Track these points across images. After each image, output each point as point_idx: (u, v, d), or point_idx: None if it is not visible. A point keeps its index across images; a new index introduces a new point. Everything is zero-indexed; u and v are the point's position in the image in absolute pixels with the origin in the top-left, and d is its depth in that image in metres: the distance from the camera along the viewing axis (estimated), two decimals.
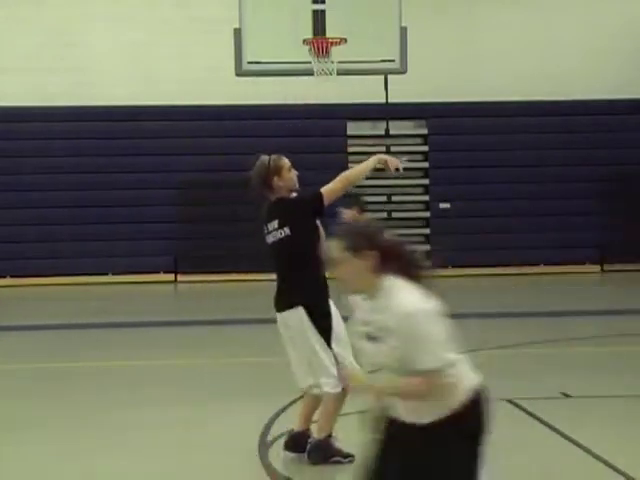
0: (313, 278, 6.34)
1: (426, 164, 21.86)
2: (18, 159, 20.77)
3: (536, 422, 7.31)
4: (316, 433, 6.32)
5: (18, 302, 18.03)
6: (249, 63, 14.51)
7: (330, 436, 6.30)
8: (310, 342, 6.25)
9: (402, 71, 14.79)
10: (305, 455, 6.29)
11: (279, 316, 6.43)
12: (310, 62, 14.16)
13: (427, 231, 21.89)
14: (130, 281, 20.55)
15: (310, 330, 6.25)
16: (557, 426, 7.07)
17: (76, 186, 20.66)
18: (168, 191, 20.82)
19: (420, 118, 21.73)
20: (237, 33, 14.48)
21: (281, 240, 6.37)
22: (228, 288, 19.36)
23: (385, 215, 21.79)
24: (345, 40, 14.06)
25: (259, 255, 22.55)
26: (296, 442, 6.43)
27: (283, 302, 6.41)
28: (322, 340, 6.26)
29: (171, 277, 20.82)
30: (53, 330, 13.61)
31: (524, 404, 7.82)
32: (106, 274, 20.87)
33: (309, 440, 6.34)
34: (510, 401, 7.96)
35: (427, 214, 21.88)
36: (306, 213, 6.40)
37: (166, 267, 20.91)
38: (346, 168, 22.14)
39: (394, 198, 21.79)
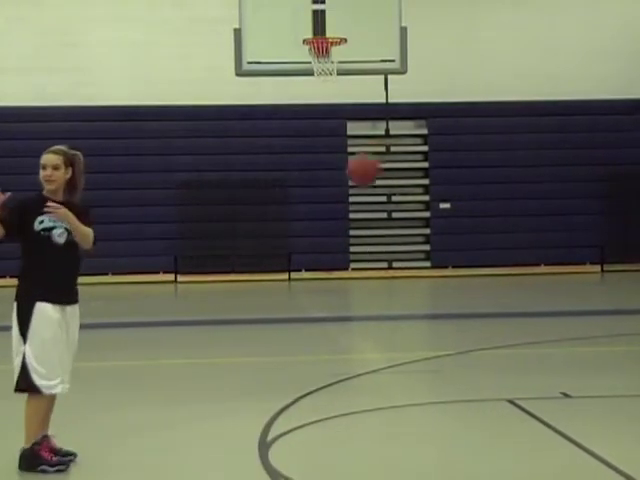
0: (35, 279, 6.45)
1: (426, 164, 21.88)
2: (18, 159, 20.76)
3: (536, 422, 7.31)
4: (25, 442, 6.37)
5: None
6: (249, 63, 14.51)
7: (36, 444, 6.32)
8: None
9: (402, 71, 14.79)
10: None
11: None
12: (310, 62, 14.16)
13: (427, 231, 21.90)
14: (130, 281, 20.57)
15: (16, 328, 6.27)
16: (557, 426, 7.07)
17: None
18: (168, 191, 20.83)
19: (420, 118, 21.75)
20: (237, 33, 14.48)
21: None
22: (228, 288, 19.37)
23: (385, 215, 21.81)
24: (345, 40, 14.06)
25: (259, 255, 22.70)
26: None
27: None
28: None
29: (171, 277, 20.83)
30: None
31: (524, 404, 7.81)
32: (106, 274, 20.87)
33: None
34: (510, 401, 7.96)
35: (427, 214, 21.88)
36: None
37: (166, 267, 20.92)
38: (346, 168, 22.19)
39: (394, 198, 21.80)
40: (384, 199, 21.78)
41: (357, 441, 6.30)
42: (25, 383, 6.26)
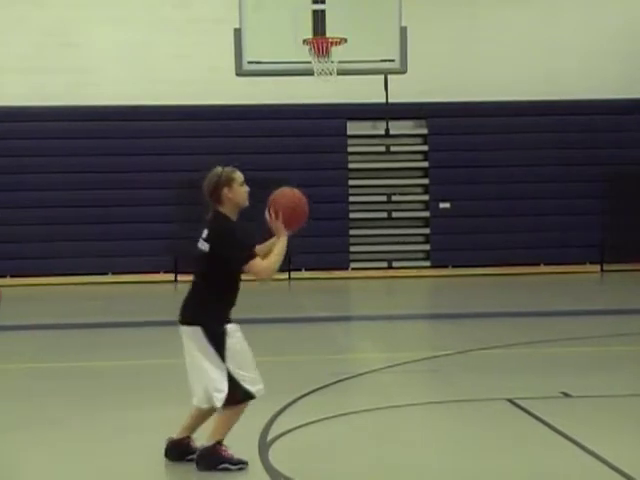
0: (219, 302, 6.32)
1: (426, 164, 21.88)
2: (18, 159, 20.78)
3: (536, 422, 7.31)
4: (206, 440, 6.32)
5: (18, 302, 18.03)
6: (249, 63, 14.51)
7: (219, 443, 6.28)
8: (201, 359, 6.23)
9: (402, 71, 14.79)
10: (195, 463, 6.30)
11: (181, 328, 6.38)
12: (310, 62, 14.16)
13: (427, 231, 21.90)
14: (130, 281, 20.57)
15: (206, 348, 6.21)
16: (557, 426, 7.07)
17: (76, 186, 20.68)
18: (168, 191, 20.83)
19: (420, 118, 21.75)
20: (237, 33, 14.48)
21: (203, 253, 6.32)
22: None
23: (385, 215, 21.81)
24: (345, 40, 14.06)
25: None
26: (176, 448, 6.46)
27: (185, 316, 6.36)
28: (216, 357, 6.21)
29: (171, 277, 20.83)
30: (53, 330, 13.62)
31: (524, 404, 7.82)
32: (106, 274, 20.88)
33: (199, 447, 6.35)
34: (510, 401, 7.96)
35: (427, 214, 21.88)
36: (226, 252, 6.36)
37: (166, 267, 20.92)
38: (346, 168, 22.10)
39: (394, 198, 21.80)
40: (384, 199, 21.78)
41: (357, 441, 6.31)
42: (240, 395, 6.20)
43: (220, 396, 6.14)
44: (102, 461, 6.61)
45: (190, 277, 6.56)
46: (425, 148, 21.89)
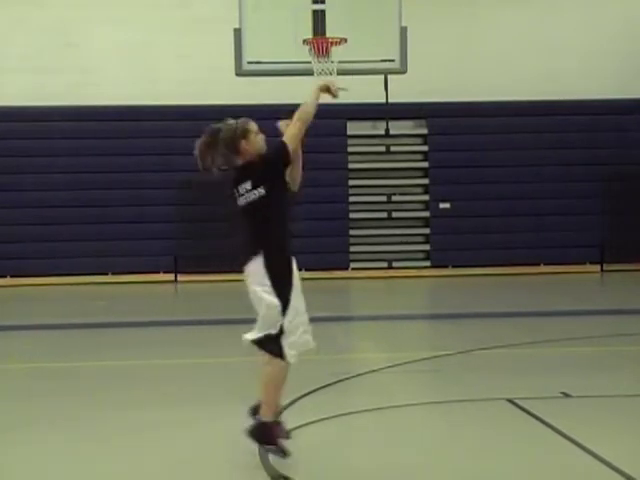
0: (281, 232, 6.44)
1: (426, 164, 21.88)
2: (18, 159, 20.78)
3: (536, 422, 7.31)
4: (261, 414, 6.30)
5: (18, 302, 18.03)
6: (249, 63, 14.51)
7: (272, 422, 6.27)
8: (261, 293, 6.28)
9: (402, 71, 14.79)
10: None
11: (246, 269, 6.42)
12: (310, 62, 14.15)
13: (427, 231, 21.91)
14: (130, 281, 20.58)
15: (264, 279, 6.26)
16: (557, 426, 7.07)
17: (76, 186, 20.68)
18: (168, 191, 20.84)
19: (420, 118, 21.75)
20: (237, 33, 14.48)
21: (256, 201, 6.36)
22: (228, 288, 19.33)
23: (385, 215, 21.81)
24: (345, 40, 14.05)
25: None
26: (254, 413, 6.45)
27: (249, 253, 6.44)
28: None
29: (171, 277, 20.84)
30: (53, 330, 13.62)
31: (524, 404, 7.82)
32: (106, 274, 20.88)
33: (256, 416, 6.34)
34: (510, 401, 7.96)
35: (427, 214, 21.88)
36: (278, 170, 6.39)
37: (166, 267, 20.93)
38: (346, 168, 22.07)
39: (394, 198, 21.81)
40: (384, 199, 21.78)
41: (357, 441, 6.31)
42: (272, 345, 6.25)
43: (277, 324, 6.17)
44: (102, 461, 6.61)
45: (190, 277, 6.57)
46: (425, 148, 21.89)
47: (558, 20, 21.59)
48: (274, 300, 6.24)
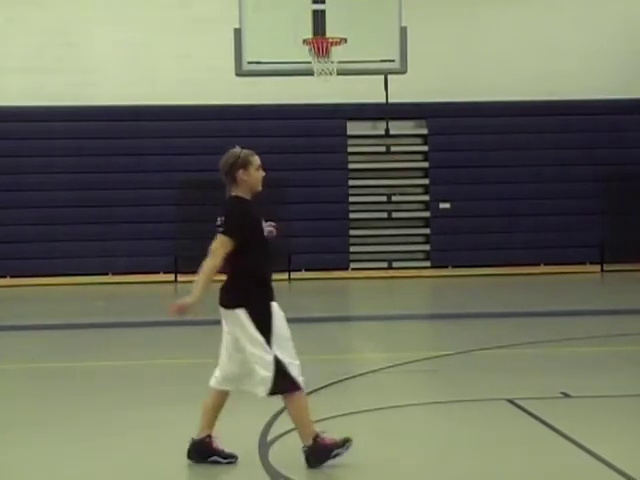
0: (251, 281, 6.36)
1: (426, 164, 21.88)
2: (18, 159, 20.78)
3: (536, 422, 7.31)
4: (304, 443, 6.28)
5: (18, 302, 18.03)
6: (249, 63, 14.53)
7: (316, 437, 6.24)
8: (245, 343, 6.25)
9: (402, 71, 14.81)
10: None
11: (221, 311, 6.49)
12: (310, 62, 14.17)
13: (427, 231, 21.91)
14: (130, 281, 20.57)
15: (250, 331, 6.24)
16: (557, 426, 7.07)
17: (76, 186, 20.68)
18: (168, 191, 20.84)
19: (420, 118, 21.75)
20: (237, 33, 14.49)
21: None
22: None
23: (385, 215, 21.81)
24: (345, 40, 14.06)
25: None
26: (197, 449, 6.45)
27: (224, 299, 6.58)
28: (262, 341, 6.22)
29: (171, 277, 20.83)
30: (53, 330, 13.62)
31: (524, 404, 7.82)
32: (106, 274, 20.88)
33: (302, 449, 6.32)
34: (510, 401, 7.96)
35: (427, 214, 21.89)
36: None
37: (166, 267, 20.93)
38: (346, 168, 22.05)
39: (394, 198, 21.81)
40: (384, 199, 21.78)
41: (357, 441, 6.31)
42: (286, 383, 6.18)
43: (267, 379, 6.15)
44: (102, 461, 6.61)
45: (190, 277, 6.58)
46: (425, 148, 21.90)
47: (558, 20, 21.59)
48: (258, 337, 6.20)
